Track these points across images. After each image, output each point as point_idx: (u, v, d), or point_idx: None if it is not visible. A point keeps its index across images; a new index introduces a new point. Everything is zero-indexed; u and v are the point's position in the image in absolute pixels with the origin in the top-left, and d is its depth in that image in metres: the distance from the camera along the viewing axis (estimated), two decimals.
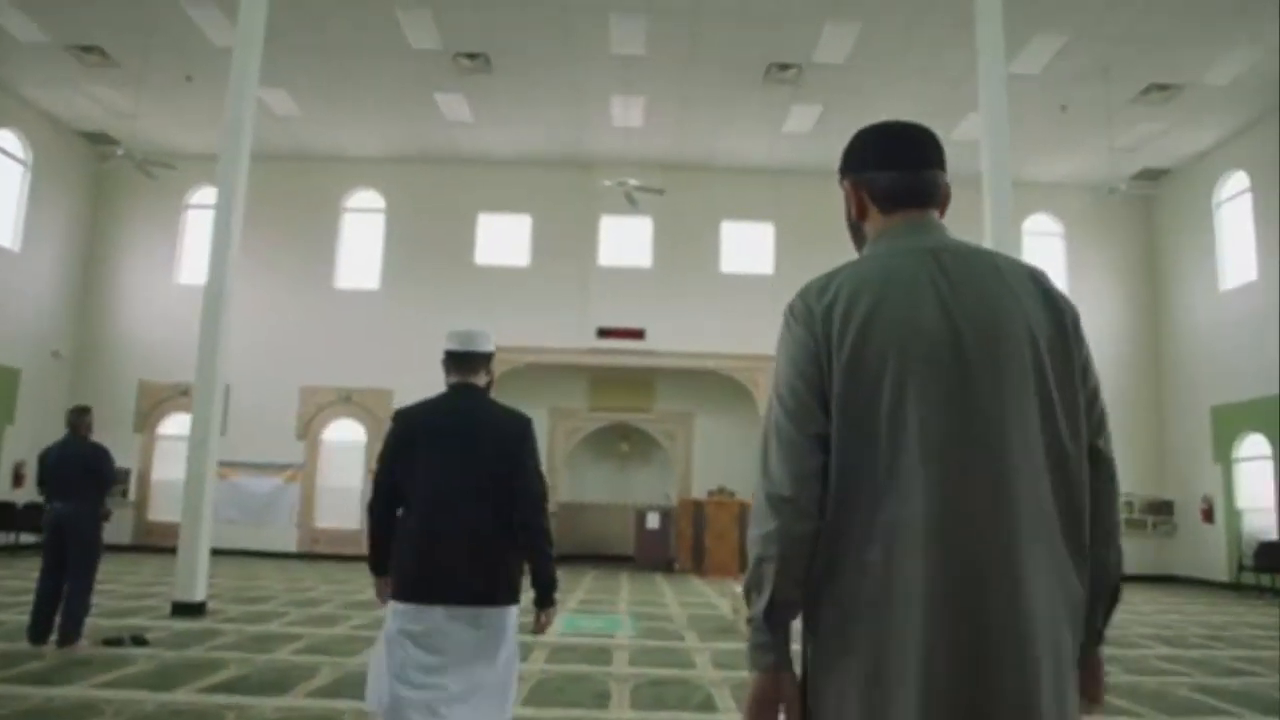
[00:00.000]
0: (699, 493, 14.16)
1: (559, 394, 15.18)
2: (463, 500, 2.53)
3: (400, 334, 13.95)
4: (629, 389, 15.24)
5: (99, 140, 14.00)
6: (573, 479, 15.67)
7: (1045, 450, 1.20)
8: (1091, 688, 1.27)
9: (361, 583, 9.96)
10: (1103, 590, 1.26)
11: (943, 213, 1.40)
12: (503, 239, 14.60)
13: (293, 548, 13.56)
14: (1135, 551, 13.15)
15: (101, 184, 14.82)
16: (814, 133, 13.25)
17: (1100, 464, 1.27)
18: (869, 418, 1.20)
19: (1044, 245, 14.66)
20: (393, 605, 2.52)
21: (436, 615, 2.45)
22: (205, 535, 7.79)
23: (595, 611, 8.31)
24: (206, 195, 14.91)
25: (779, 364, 1.31)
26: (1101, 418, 1.30)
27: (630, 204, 12.42)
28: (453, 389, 2.71)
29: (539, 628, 2.79)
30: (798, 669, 1.24)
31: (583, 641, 6.52)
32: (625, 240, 14.41)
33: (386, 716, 2.41)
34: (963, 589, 1.12)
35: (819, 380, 1.24)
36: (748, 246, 14.32)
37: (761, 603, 1.22)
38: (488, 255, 14.53)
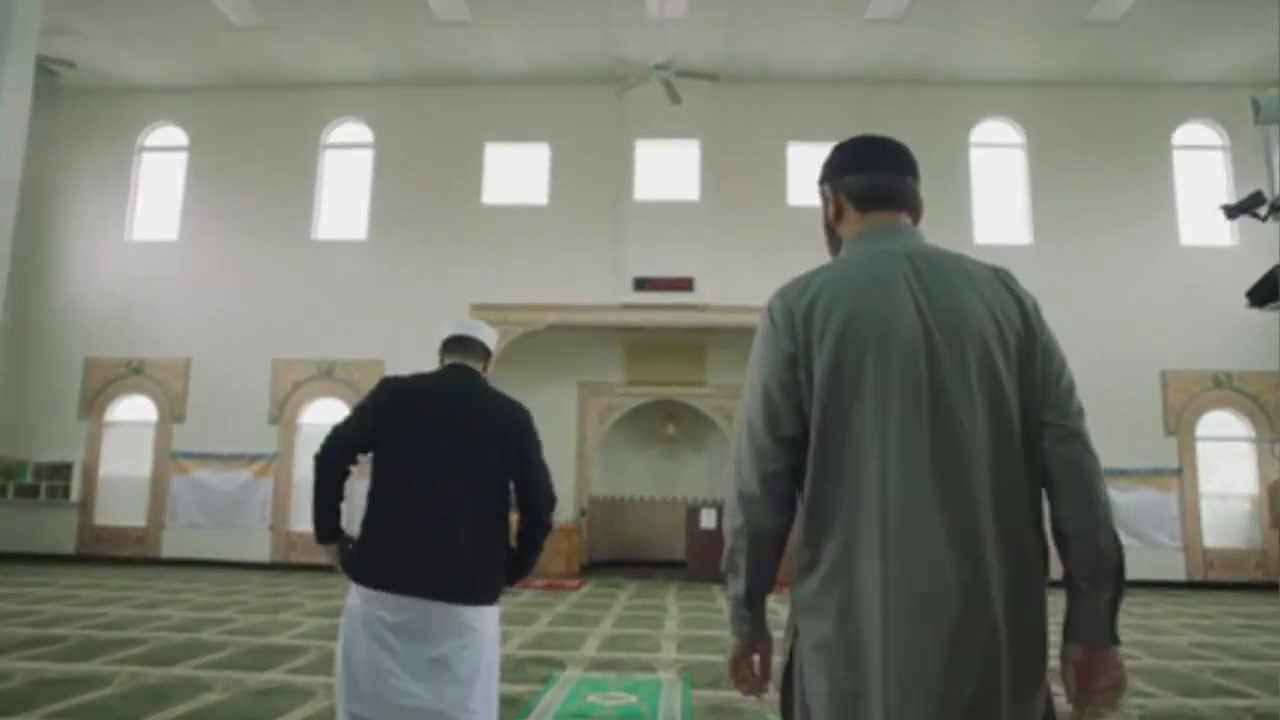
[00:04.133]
0: None
1: (588, 363, 12.91)
2: (452, 484, 2.38)
3: (392, 293, 11.81)
4: (674, 356, 12.88)
5: (38, 73, 11.94)
6: (608, 469, 13.40)
7: (1009, 442, 1.32)
8: (1105, 688, 1.36)
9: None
10: (1100, 575, 1.37)
11: (916, 220, 1.53)
12: (515, 173, 12.42)
13: (265, 556, 11.42)
14: None
15: (39, 124, 12.81)
16: (906, 20, 10.76)
17: (1068, 439, 1.36)
18: (849, 416, 1.32)
19: (1199, 161, 11.96)
20: (360, 591, 2.31)
21: (412, 607, 2.26)
22: None
23: (625, 662, 5.95)
24: (165, 135, 12.95)
25: (754, 364, 1.42)
26: (1067, 394, 1.39)
27: (670, 100, 10.04)
28: (450, 367, 2.63)
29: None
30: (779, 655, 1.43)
31: None
32: (666, 168, 12.10)
33: None
34: (924, 587, 1.25)
35: (793, 384, 1.36)
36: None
37: (739, 585, 1.43)
38: (497, 193, 12.34)
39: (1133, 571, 7.86)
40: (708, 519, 11.41)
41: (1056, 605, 1.29)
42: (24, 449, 11.93)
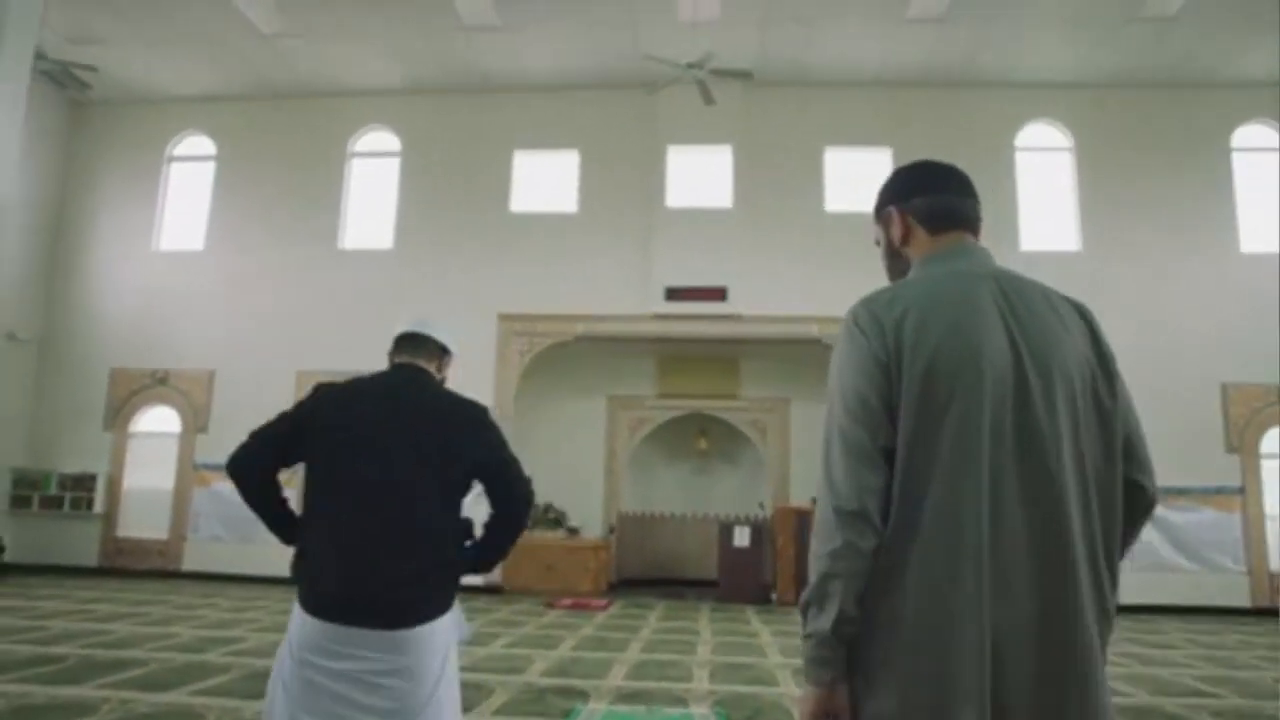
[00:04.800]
0: (800, 499, 11.27)
1: (618, 376, 12.56)
2: (393, 493, 2.09)
3: (419, 303, 11.40)
4: (707, 368, 12.50)
5: (65, 83, 11.91)
6: (637, 484, 13.00)
7: (1090, 477, 1.29)
8: None
9: None
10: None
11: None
12: (544, 181, 12.12)
13: (286, 570, 11.08)
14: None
15: (69, 136, 12.82)
16: (947, 19, 10.33)
17: (1147, 506, 1.38)
18: (936, 438, 1.25)
19: (1259, 163, 11.34)
20: (301, 617, 2.03)
21: (350, 638, 1.99)
22: None
23: (654, 693, 5.53)
24: (193, 145, 12.86)
25: (842, 371, 1.34)
26: (1145, 457, 1.39)
27: (704, 100, 9.68)
28: (395, 367, 2.37)
29: None
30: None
31: None
32: (699, 174, 11.70)
33: None
34: (1017, 614, 1.22)
35: (888, 391, 1.29)
36: (859, 178, 11.39)
37: (826, 619, 1.26)
38: (526, 201, 12.03)
39: (1194, 597, 7.32)
40: (740, 537, 10.93)
41: None
42: (49, 460, 11.80)
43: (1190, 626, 9.16)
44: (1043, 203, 11.58)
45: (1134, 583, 10.42)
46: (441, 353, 2.44)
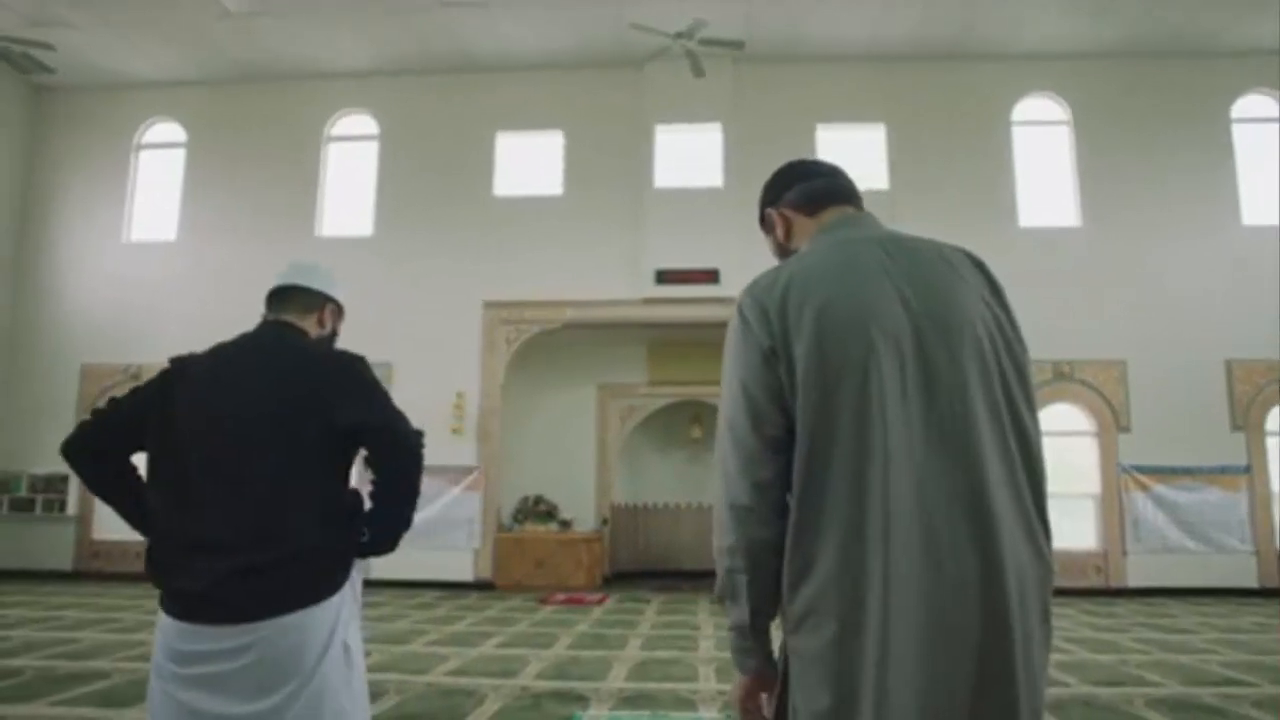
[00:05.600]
0: None
1: (608, 363, 12.17)
2: (247, 467, 1.78)
3: (401, 291, 11.10)
4: (700, 354, 12.10)
5: (27, 66, 11.39)
6: (630, 474, 12.64)
7: (1008, 427, 1.26)
8: None
9: None
10: None
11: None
12: (528, 163, 11.69)
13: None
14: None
15: (33, 124, 12.29)
16: None
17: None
18: (834, 409, 1.23)
19: (1259, 135, 11.04)
20: (159, 621, 1.82)
21: (204, 637, 1.72)
22: None
23: (659, 695, 5.19)
24: (162, 132, 12.34)
25: (728, 364, 1.34)
26: (1032, 386, 1.35)
27: (694, 73, 9.30)
28: (258, 328, 2.06)
29: None
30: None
31: None
32: (688, 154, 11.30)
33: None
34: (940, 576, 1.16)
35: (773, 380, 1.27)
36: (852, 154, 11.02)
37: (740, 612, 1.29)
38: (510, 185, 11.61)
39: (1200, 578, 6.84)
40: None
41: None
42: (18, 461, 11.31)
43: (1201, 609, 8.89)
44: (1041, 177, 11.25)
45: (1140, 565, 10.20)
46: (322, 302, 2.13)
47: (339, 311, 2.17)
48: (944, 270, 1.33)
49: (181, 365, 1.95)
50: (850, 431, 1.22)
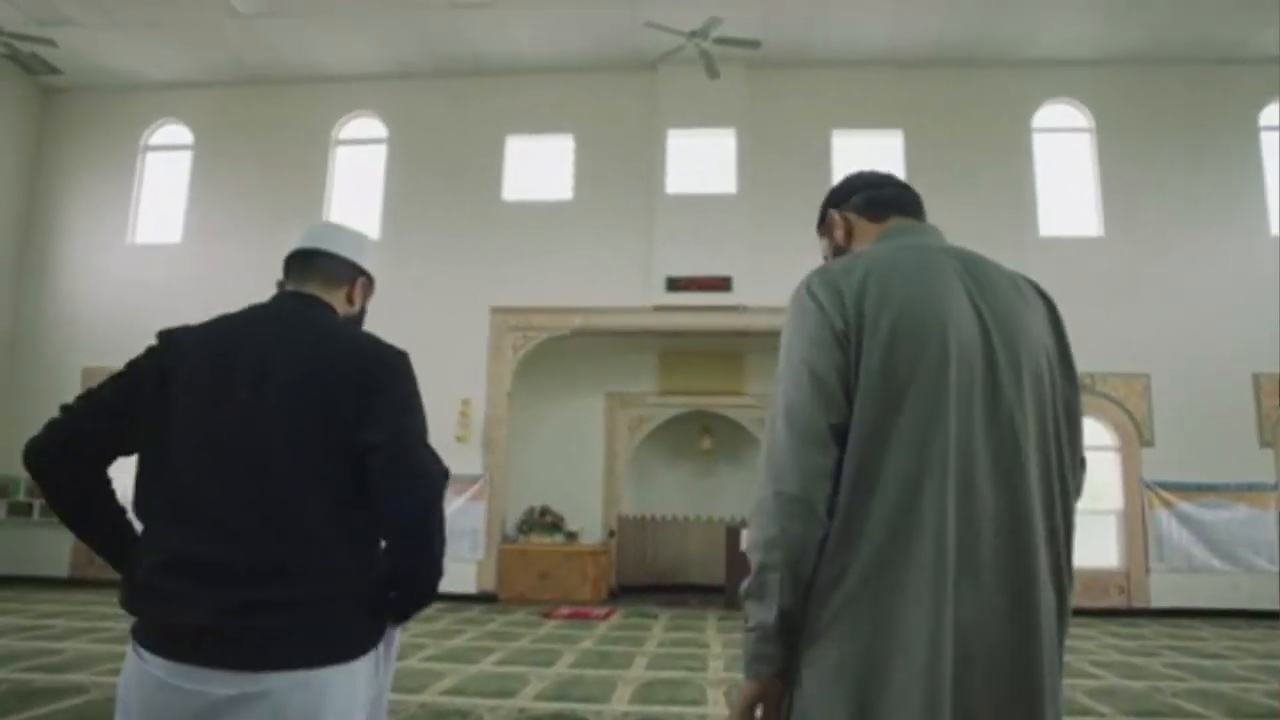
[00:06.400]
0: None
1: (618, 372, 11.90)
2: (257, 474, 1.41)
3: (408, 296, 10.81)
4: (710, 363, 11.86)
5: (34, 67, 11.26)
6: (638, 485, 12.34)
7: (1053, 466, 1.24)
8: None
9: None
10: None
11: None
12: (538, 167, 11.45)
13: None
14: None
15: (40, 125, 12.15)
16: None
17: (1081, 478, 1.35)
18: (896, 412, 1.17)
19: None
20: (130, 658, 1.41)
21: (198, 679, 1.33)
22: None
23: (664, 718, 4.88)
24: (169, 134, 12.18)
25: (793, 343, 1.26)
26: (1081, 427, 1.34)
27: (709, 74, 9.05)
28: (275, 298, 1.65)
29: None
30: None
31: None
32: (701, 160, 11.05)
33: None
34: (985, 603, 1.14)
35: (844, 364, 1.20)
36: (868, 162, 10.59)
37: (767, 613, 1.19)
38: (519, 189, 11.37)
39: (1226, 600, 6.28)
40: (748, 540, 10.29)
41: None
42: (17, 465, 10.96)
43: (1230, 631, 8.51)
44: (1062, 186, 10.94)
45: (1165, 584, 9.82)
46: (352, 275, 1.70)
47: (370, 285, 1.75)
48: (1014, 294, 1.29)
49: (175, 342, 1.55)
50: (912, 436, 1.16)
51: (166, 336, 1.56)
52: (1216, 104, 10.79)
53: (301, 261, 1.68)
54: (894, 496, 1.15)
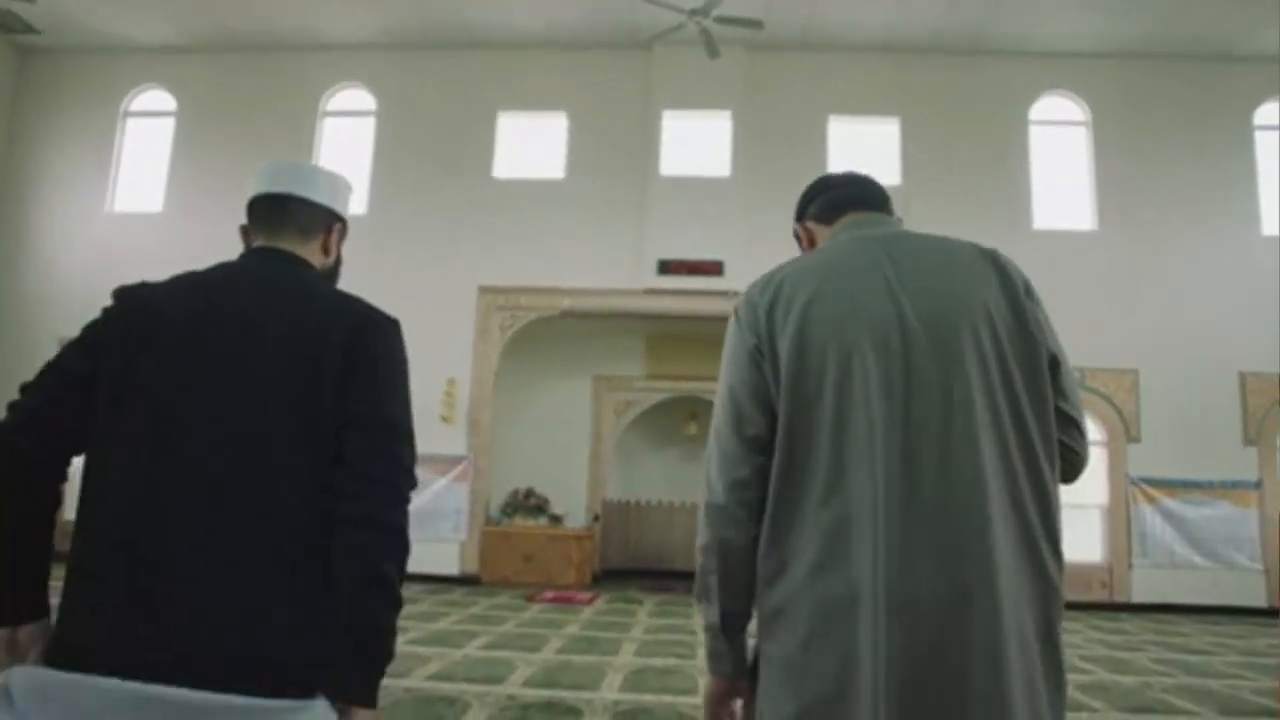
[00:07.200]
0: None
1: (605, 355, 11.77)
2: (222, 464, 1.19)
3: (393, 272, 10.60)
4: (699, 348, 11.71)
5: (11, 24, 10.89)
6: (623, 470, 12.25)
7: (1009, 430, 1.19)
8: None
9: None
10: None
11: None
12: (530, 145, 11.24)
13: None
14: None
15: (16, 87, 11.78)
16: None
17: (1067, 424, 1.27)
18: (814, 406, 1.20)
19: None
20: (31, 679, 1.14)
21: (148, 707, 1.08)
22: None
23: (658, 709, 4.85)
24: (151, 100, 11.85)
25: (723, 361, 1.32)
26: (1066, 382, 1.28)
27: (709, 54, 8.89)
28: (246, 255, 1.44)
29: None
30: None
31: None
32: (696, 142, 10.88)
33: None
34: (916, 584, 1.10)
35: (758, 380, 1.25)
36: (864, 149, 10.69)
37: (712, 613, 1.26)
38: (510, 167, 11.17)
39: (1208, 596, 6.20)
40: None
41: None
42: None
43: (1211, 627, 8.54)
44: (1057, 179, 10.88)
45: (1146, 579, 9.86)
46: (329, 222, 1.47)
47: (344, 231, 1.52)
48: (946, 267, 1.29)
49: (135, 300, 1.32)
50: (830, 430, 1.18)
51: (127, 298, 1.34)
52: (1212, 102, 10.75)
53: (272, 208, 1.44)
54: (819, 494, 1.16)
